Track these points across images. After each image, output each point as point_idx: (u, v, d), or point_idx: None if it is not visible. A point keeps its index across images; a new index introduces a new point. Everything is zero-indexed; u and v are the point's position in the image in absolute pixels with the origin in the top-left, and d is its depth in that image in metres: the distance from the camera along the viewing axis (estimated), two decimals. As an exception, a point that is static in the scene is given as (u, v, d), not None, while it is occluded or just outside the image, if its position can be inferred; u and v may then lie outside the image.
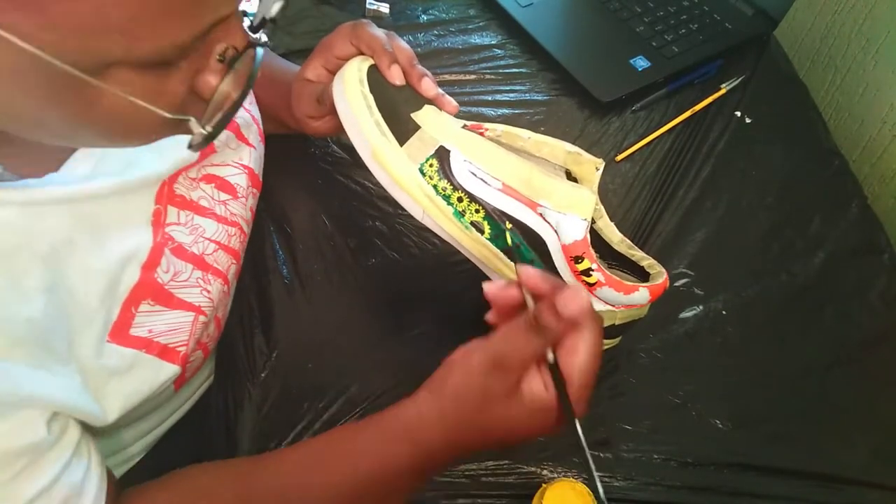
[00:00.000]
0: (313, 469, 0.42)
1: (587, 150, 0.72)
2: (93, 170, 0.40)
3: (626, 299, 0.49)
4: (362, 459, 0.41)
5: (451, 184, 0.46)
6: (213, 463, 0.45)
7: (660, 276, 0.50)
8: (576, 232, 0.46)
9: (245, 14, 0.36)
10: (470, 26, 0.85)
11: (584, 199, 0.46)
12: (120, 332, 0.41)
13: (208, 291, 0.47)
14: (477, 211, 0.47)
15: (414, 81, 0.49)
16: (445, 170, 0.46)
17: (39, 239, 0.36)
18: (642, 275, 0.52)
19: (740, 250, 0.66)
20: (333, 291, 0.59)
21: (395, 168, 0.46)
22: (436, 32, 0.83)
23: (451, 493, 0.50)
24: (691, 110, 0.76)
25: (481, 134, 0.49)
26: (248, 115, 0.55)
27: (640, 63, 0.79)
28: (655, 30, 0.83)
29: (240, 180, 0.52)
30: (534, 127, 0.74)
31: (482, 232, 0.47)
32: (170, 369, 0.44)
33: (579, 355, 0.37)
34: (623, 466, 0.52)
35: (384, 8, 0.84)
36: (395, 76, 0.48)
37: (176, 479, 0.43)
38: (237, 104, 0.36)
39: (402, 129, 0.47)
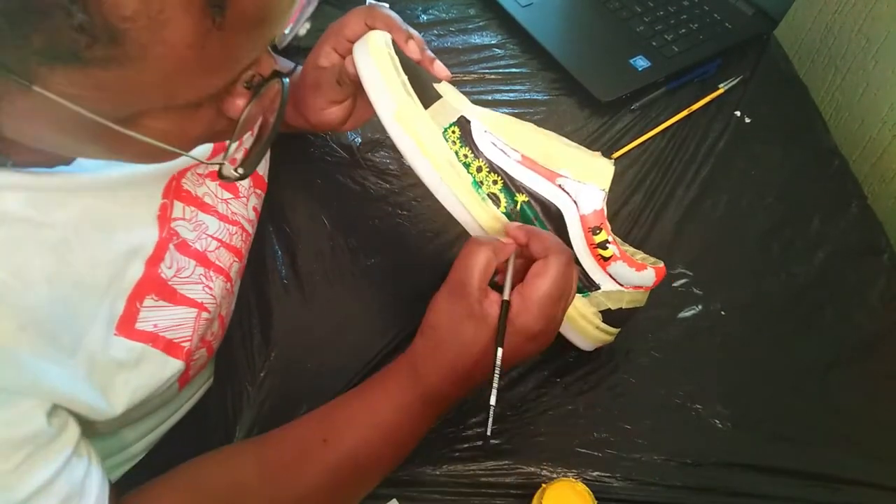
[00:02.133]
0: (332, 424, 0.44)
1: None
2: (103, 162, 0.40)
3: (636, 277, 0.49)
4: (374, 405, 0.44)
5: (473, 152, 0.47)
6: (217, 452, 0.45)
7: (657, 263, 0.51)
8: (595, 202, 0.47)
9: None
10: (470, 26, 0.85)
11: (603, 168, 0.46)
12: (126, 326, 0.41)
13: (210, 288, 0.48)
14: (495, 182, 0.47)
15: (427, 64, 0.50)
16: (467, 137, 0.47)
17: (47, 227, 0.36)
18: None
19: (740, 250, 0.66)
20: (333, 291, 0.59)
21: (420, 130, 0.46)
22: (436, 32, 0.83)
23: (451, 493, 0.50)
24: (688, 109, 0.76)
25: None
26: None
27: (640, 63, 0.79)
28: (655, 29, 0.83)
29: (242, 180, 0.52)
30: (534, 127, 0.74)
31: (497, 205, 0.47)
32: (175, 364, 0.44)
33: (542, 277, 0.42)
34: (623, 466, 0.52)
35: (384, 8, 0.84)
36: (413, 51, 0.49)
37: (185, 477, 0.43)
38: (270, 139, 0.37)
39: (425, 96, 0.47)
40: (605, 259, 0.48)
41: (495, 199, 0.47)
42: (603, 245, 0.47)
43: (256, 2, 0.28)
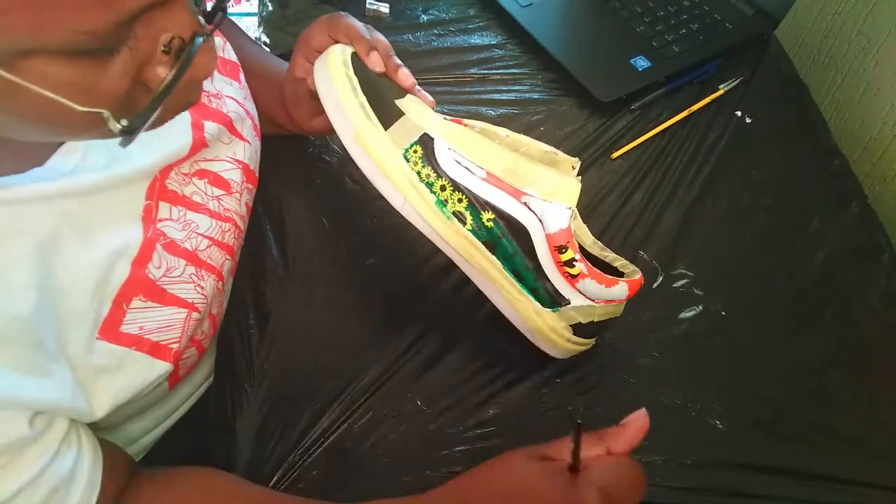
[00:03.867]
0: None
1: (587, 150, 0.73)
2: (78, 164, 0.39)
3: (606, 293, 0.49)
4: None
5: (435, 171, 0.46)
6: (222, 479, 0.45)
7: (635, 273, 0.50)
8: (560, 220, 0.46)
9: (196, 2, 0.33)
10: (470, 26, 0.85)
11: (569, 187, 0.46)
12: (110, 329, 0.40)
13: (202, 288, 0.47)
14: (460, 200, 0.46)
15: (391, 72, 0.49)
16: (430, 156, 0.46)
17: (26, 236, 0.36)
18: (616, 276, 0.52)
19: (740, 250, 0.66)
20: (332, 291, 0.59)
21: (379, 152, 0.46)
22: (436, 32, 0.83)
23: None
24: (689, 110, 0.76)
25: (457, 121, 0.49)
26: (242, 109, 0.54)
27: (641, 63, 0.79)
28: (655, 29, 0.83)
29: (234, 175, 0.52)
30: (534, 127, 0.74)
31: (464, 223, 0.47)
32: (161, 367, 0.43)
33: (609, 474, 0.37)
34: (623, 467, 0.52)
35: (384, 8, 0.84)
36: (375, 63, 0.48)
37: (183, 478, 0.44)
38: (160, 96, 0.32)
39: (386, 115, 0.46)
40: (573, 276, 0.47)
41: (461, 217, 0.47)
42: (570, 263, 0.47)
43: None
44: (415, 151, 0.46)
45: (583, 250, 0.53)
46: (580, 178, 0.47)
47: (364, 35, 0.49)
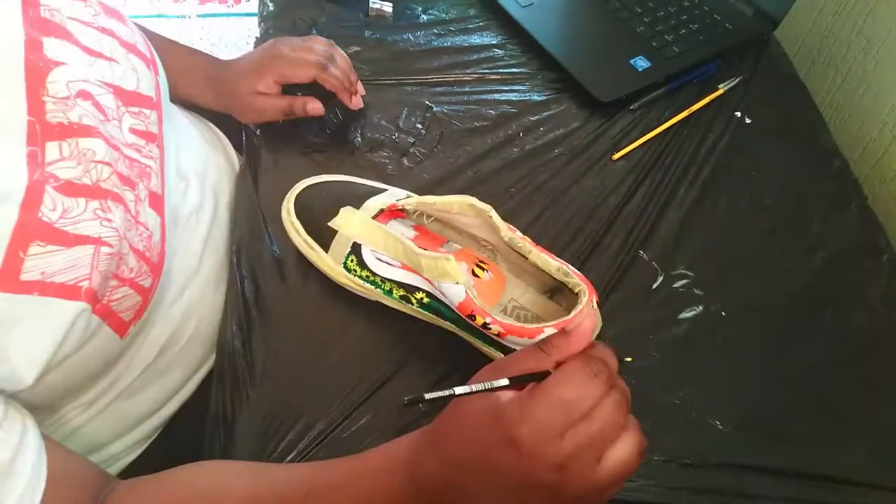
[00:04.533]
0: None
1: (587, 150, 0.73)
2: None
3: (534, 342, 0.49)
4: (360, 492, 0.40)
5: (369, 271, 0.54)
6: (215, 471, 0.45)
7: (581, 301, 0.49)
8: (456, 295, 0.50)
9: None
10: (470, 26, 0.85)
11: (448, 268, 0.49)
12: (8, 280, 0.37)
13: (109, 221, 0.43)
14: (398, 287, 0.54)
15: (344, 99, 0.68)
16: (361, 261, 0.54)
17: None
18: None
19: (740, 250, 0.66)
20: (333, 293, 0.59)
21: (328, 270, 0.57)
22: (436, 32, 0.83)
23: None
24: (689, 110, 0.76)
25: (395, 212, 0.58)
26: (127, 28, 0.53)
27: (641, 63, 0.79)
28: (655, 30, 0.83)
29: (107, 101, 0.47)
30: (534, 127, 0.74)
31: (411, 303, 0.54)
32: (72, 307, 0.40)
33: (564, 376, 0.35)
34: (623, 467, 0.52)
35: (387, 7, 0.84)
36: (356, 105, 0.66)
37: (173, 479, 0.43)
38: None
39: (325, 238, 0.56)
40: (497, 335, 0.50)
41: (406, 299, 0.54)
42: (485, 326, 0.50)
43: None
44: (351, 260, 0.55)
45: (550, 278, 0.53)
46: (450, 256, 0.50)
47: (344, 86, 0.63)
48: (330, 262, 0.56)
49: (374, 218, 0.55)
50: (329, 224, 0.56)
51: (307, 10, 0.83)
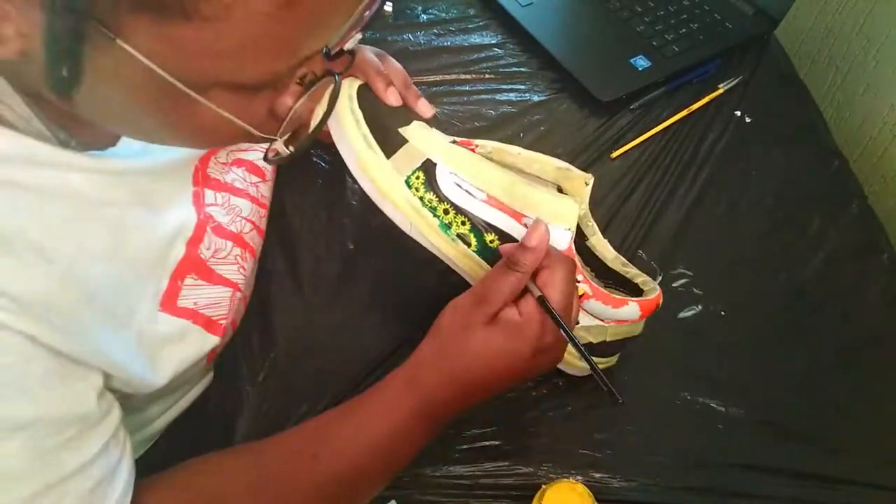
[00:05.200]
0: (324, 439, 0.43)
1: (587, 150, 0.73)
2: (144, 147, 0.42)
3: (613, 313, 0.49)
4: (369, 417, 0.43)
5: (437, 195, 0.47)
6: (216, 455, 0.45)
7: (653, 291, 0.50)
8: (560, 242, 0.46)
9: None
10: (470, 26, 0.85)
11: (567, 209, 0.46)
12: (169, 302, 0.43)
13: (244, 269, 0.50)
14: (463, 223, 0.47)
15: (410, 103, 0.52)
16: (431, 182, 0.47)
17: (105, 206, 0.39)
18: (638, 293, 0.52)
19: (740, 250, 0.66)
20: (333, 292, 0.59)
21: (381, 179, 0.48)
22: (436, 32, 0.83)
23: (450, 494, 0.50)
24: (688, 109, 0.76)
25: (472, 150, 0.50)
26: None
27: (640, 62, 0.79)
28: (655, 29, 0.83)
29: (283, 164, 0.54)
30: (534, 126, 0.74)
31: (468, 244, 0.48)
32: (212, 340, 0.46)
33: (552, 287, 0.42)
34: (623, 467, 0.52)
35: (387, 7, 0.84)
36: (392, 99, 0.50)
37: (182, 477, 0.43)
38: (318, 128, 0.39)
39: (390, 143, 0.48)
40: (578, 297, 0.48)
41: (465, 240, 0.48)
42: None
43: None
44: (417, 177, 0.47)
45: (605, 266, 0.53)
46: (589, 183, 0.48)
47: (379, 70, 0.52)
48: (387, 170, 0.47)
49: None
50: (400, 130, 0.48)
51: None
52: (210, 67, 0.30)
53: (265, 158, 0.41)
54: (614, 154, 0.72)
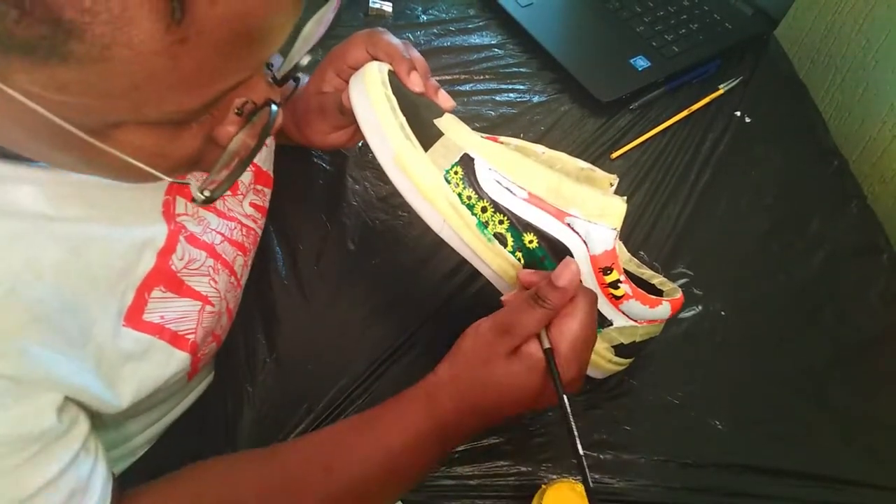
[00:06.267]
0: (337, 452, 0.43)
1: (587, 150, 0.73)
2: None
3: (650, 313, 0.49)
4: (384, 432, 0.43)
5: (476, 192, 0.45)
6: (222, 461, 0.44)
7: (674, 292, 0.50)
8: (605, 242, 0.45)
9: (269, 66, 0.37)
10: (470, 26, 0.85)
11: (615, 208, 0.45)
12: (134, 317, 0.41)
13: (215, 282, 0.48)
14: (501, 222, 0.45)
15: (430, 93, 0.49)
16: (470, 177, 0.45)
17: (59, 221, 0.37)
18: (653, 293, 0.52)
19: (740, 250, 0.66)
20: (333, 292, 0.59)
21: (420, 174, 0.44)
22: (436, 32, 0.83)
23: (450, 495, 0.50)
24: (688, 109, 0.76)
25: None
26: None
27: (640, 63, 0.79)
28: (655, 29, 0.83)
29: (244, 177, 0.52)
30: (534, 126, 0.74)
31: (504, 244, 0.46)
32: (180, 356, 0.44)
33: (570, 322, 0.41)
34: (622, 467, 0.52)
35: (387, 7, 0.84)
36: (415, 83, 0.47)
37: (186, 483, 0.43)
38: (243, 165, 0.36)
39: (426, 135, 0.45)
40: (617, 298, 0.47)
41: (502, 239, 0.46)
42: (614, 285, 0.46)
43: (227, 14, 0.27)
44: (455, 172, 0.45)
45: None
46: (625, 197, 0.46)
47: (404, 54, 0.48)
48: (426, 164, 0.44)
49: None
50: (436, 122, 0.45)
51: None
52: (105, 108, 0.28)
53: (193, 201, 0.38)
54: (614, 154, 0.72)
